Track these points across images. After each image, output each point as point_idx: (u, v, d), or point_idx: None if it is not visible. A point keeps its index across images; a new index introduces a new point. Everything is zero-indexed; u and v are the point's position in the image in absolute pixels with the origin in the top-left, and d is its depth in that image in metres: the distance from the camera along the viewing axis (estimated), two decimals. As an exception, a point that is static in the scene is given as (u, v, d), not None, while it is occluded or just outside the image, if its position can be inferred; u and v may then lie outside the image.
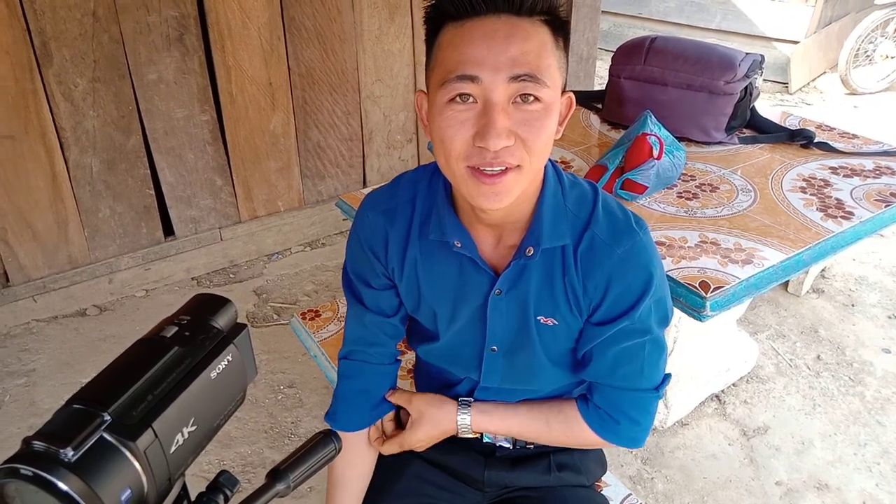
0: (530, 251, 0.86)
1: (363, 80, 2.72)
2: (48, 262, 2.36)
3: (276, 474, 0.57)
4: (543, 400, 1.02)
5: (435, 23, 0.77)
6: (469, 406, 1.01)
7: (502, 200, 0.78)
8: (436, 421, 1.01)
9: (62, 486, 0.37)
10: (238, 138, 2.54)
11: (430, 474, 1.07)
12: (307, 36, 2.51)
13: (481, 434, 1.04)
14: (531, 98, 0.74)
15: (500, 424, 1.01)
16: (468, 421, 1.00)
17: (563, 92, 0.80)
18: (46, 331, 2.37)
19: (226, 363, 0.48)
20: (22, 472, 0.38)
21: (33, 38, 2.03)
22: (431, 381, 1.11)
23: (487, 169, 0.75)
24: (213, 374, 0.46)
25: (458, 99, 0.74)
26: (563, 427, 0.99)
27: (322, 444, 0.61)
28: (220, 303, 0.51)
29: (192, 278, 2.67)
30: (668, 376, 0.96)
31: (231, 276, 2.70)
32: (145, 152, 2.37)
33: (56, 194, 2.26)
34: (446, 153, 0.77)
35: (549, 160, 0.87)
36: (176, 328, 0.47)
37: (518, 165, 0.76)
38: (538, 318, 0.90)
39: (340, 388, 1.04)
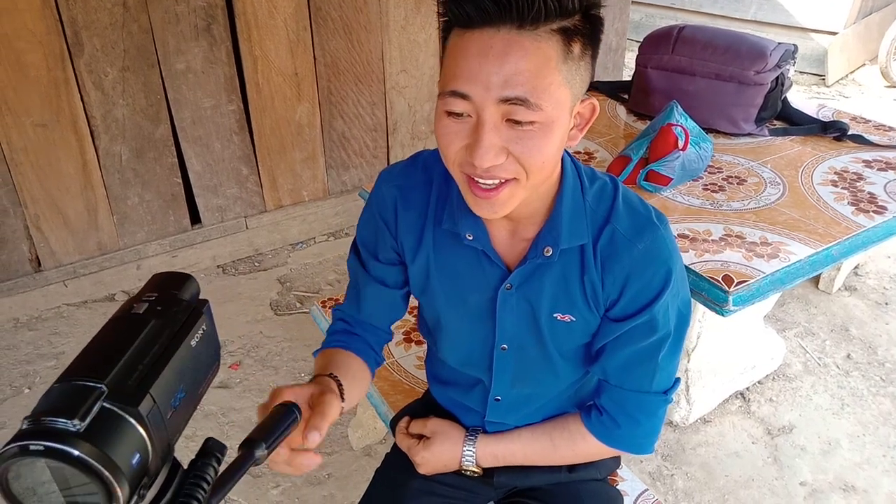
0: (549, 251, 0.84)
1: (388, 70, 2.71)
2: (78, 248, 2.41)
3: (251, 443, 0.60)
4: (546, 420, 1.03)
5: (445, 25, 0.75)
6: (475, 436, 1.03)
7: (497, 212, 0.76)
8: (446, 442, 1.03)
9: (76, 452, 0.38)
10: (264, 128, 2.56)
11: (443, 475, 1.06)
12: (333, 26, 2.51)
13: (483, 471, 1.05)
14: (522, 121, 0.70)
15: (505, 448, 1.02)
16: (473, 450, 1.02)
17: (584, 98, 0.76)
18: (76, 315, 2.42)
19: (202, 332, 0.49)
20: (32, 448, 0.38)
21: (65, 27, 2.07)
22: (447, 388, 1.10)
23: (480, 181, 0.74)
24: (193, 342, 0.48)
25: (451, 114, 0.72)
26: (568, 443, 0.99)
27: (285, 414, 0.67)
28: (182, 279, 0.52)
29: (218, 266, 2.71)
30: (677, 381, 0.94)
31: (256, 264, 2.73)
32: (173, 141, 2.41)
33: (86, 181, 2.31)
34: (444, 158, 0.77)
35: (567, 153, 0.85)
36: (146, 304, 0.49)
37: (514, 178, 0.74)
38: (555, 314, 0.89)
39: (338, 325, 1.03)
